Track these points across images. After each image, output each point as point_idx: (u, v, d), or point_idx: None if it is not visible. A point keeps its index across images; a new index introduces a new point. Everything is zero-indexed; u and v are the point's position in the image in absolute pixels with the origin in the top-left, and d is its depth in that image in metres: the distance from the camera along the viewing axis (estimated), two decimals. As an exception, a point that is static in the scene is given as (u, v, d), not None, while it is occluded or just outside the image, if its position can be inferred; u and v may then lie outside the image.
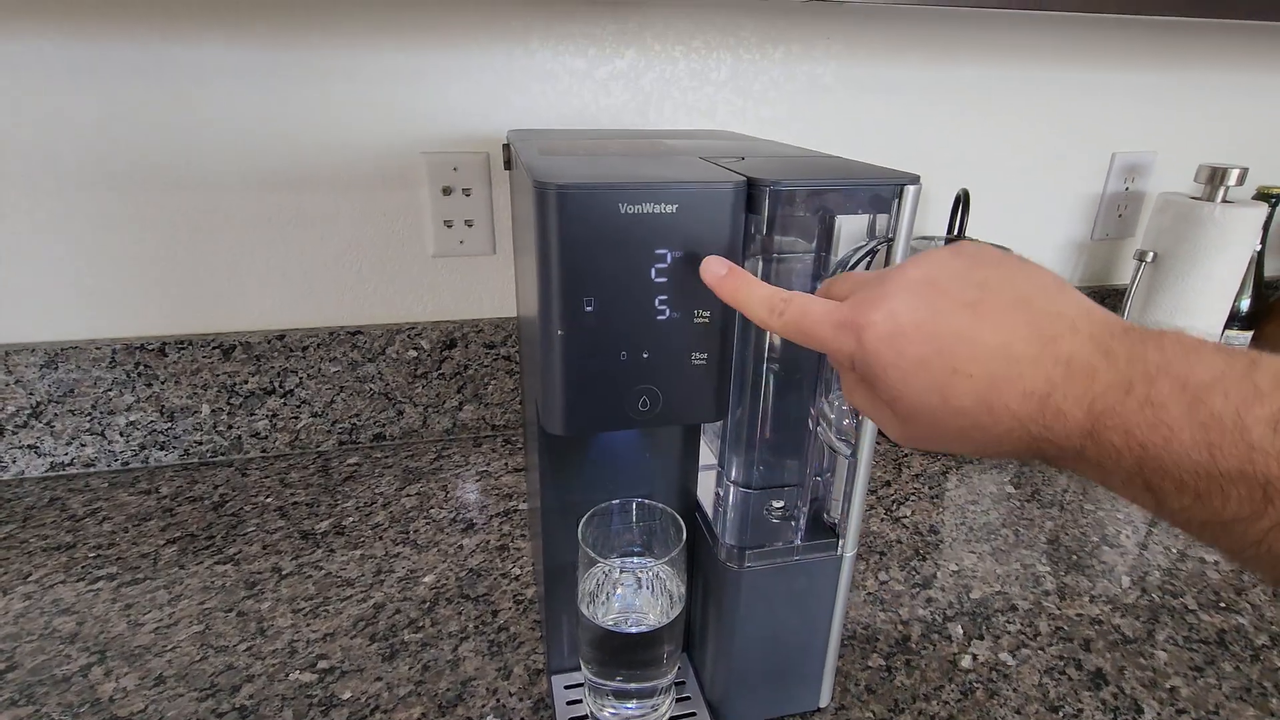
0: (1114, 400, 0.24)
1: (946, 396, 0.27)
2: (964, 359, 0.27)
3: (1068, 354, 0.25)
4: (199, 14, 0.65)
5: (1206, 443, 0.22)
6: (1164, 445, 0.23)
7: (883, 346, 0.28)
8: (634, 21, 0.74)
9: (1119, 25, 0.89)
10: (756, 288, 0.33)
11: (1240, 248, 0.86)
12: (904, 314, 0.28)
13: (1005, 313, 0.27)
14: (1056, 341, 0.26)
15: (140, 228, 0.70)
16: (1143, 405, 0.24)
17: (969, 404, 0.27)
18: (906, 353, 0.28)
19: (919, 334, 0.28)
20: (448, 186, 0.75)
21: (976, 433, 0.27)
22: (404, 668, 0.52)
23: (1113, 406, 0.24)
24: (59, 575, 0.60)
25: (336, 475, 0.76)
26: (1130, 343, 0.25)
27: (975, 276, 0.28)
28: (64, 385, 0.71)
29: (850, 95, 0.83)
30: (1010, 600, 0.60)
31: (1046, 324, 0.26)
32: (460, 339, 0.80)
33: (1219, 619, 0.59)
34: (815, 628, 0.47)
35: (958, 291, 0.28)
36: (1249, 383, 0.22)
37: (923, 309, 0.28)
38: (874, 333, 0.29)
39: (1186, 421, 0.23)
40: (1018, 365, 0.26)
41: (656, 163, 0.40)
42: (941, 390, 0.27)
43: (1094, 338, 0.26)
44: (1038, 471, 0.80)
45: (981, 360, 0.26)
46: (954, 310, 0.27)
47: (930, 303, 0.28)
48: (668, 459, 0.47)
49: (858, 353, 0.29)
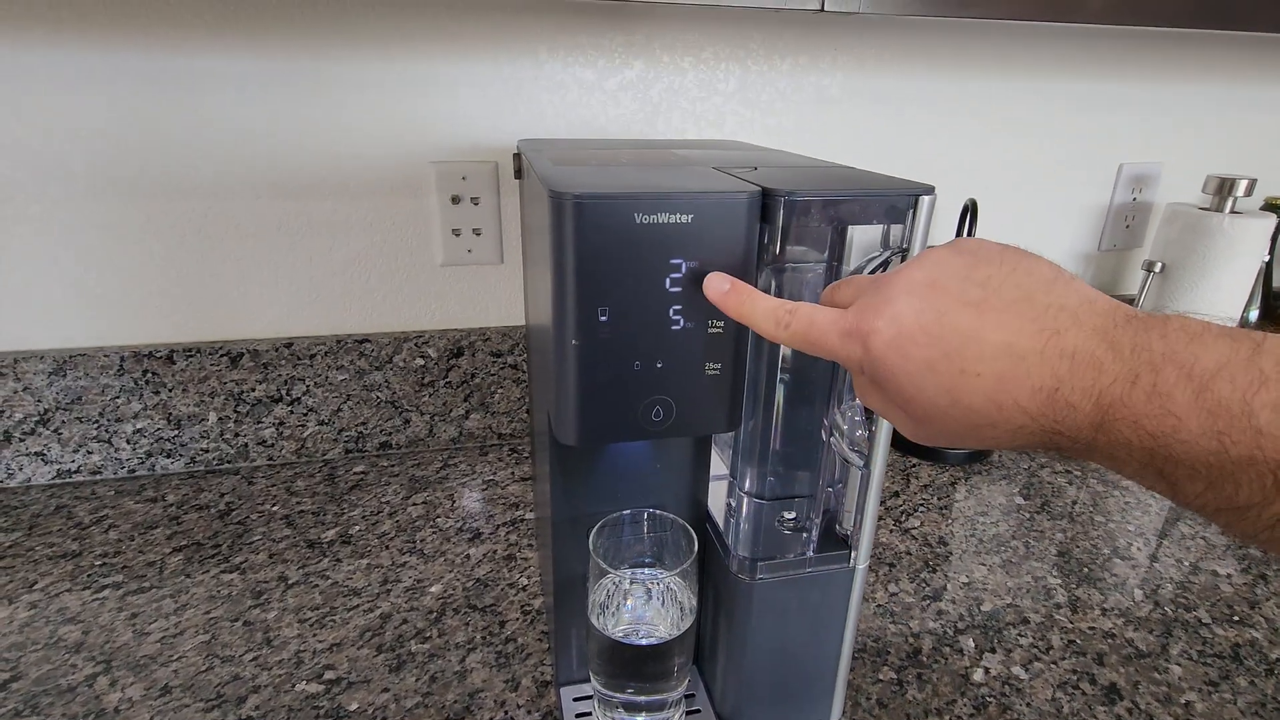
0: (1121, 392, 0.24)
1: (956, 397, 0.27)
2: (971, 359, 0.27)
3: (1072, 347, 0.25)
4: (209, 23, 0.65)
5: (1215, 430, 0.22)
6: (1173, 434, 0.23)
7: (889, 352, 0.28)
8: (642, 33, 0.75)
9: (1125, 36, 0.89)
10: (760, 301, 0.33)
11: (1249, 258, 0.86)
12: (908, 318, 0.28)
13: (1008, 310, 0.27)
14: (1060, 335, 0.26)
15: (149, 235, 0.70)
16: (1149, 395, 0.24)
17: (979, 403, 0.27)
18: (913, 356, 0.28)
19: (924, 337, 0.28)
20: (456, 195, 0.76)
21: (989, 429, 0.28)
22: (411, 679, 0.51)
23: (1120, 398, 0.24)
24: (65, 584, 0.60)
25: (343, 484, 0.76)
26: (1134, 331, 0.25)
27: (977, 275, 0.28)
28: (71, 392, 0.71)
29: (857, 106, 0.84)
30: (1022, 613, 0.60)
31: (1049, 318, 0.26)
32: (467, 347, 0.80)
33: (1233, 633, 0.59)
34: (827, 641, 0.46)
35: (960, 291, 0.28)
36: (1254, 368, 0.22)
37: (926, 311, 0.28)
38: (880, 339, 0.29)
39: (1194, 410, 0.23)
40: (1024, 362, 0.26)
41: (670, 172, 0.40)
42: (951, 391, 0.27)
43: (1097, 329, 0.26)
44: (1047, 482, 0.79)
45: (988, 359, 0.26)
46: (957, 310, 0.27)
47: (933, 304, 0.28)
48: (678, 469, 0.47)
49: (865, 359, 0.29)
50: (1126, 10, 0.66)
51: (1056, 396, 0.25)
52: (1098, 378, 0.25)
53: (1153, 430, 0.24)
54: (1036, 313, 0.26)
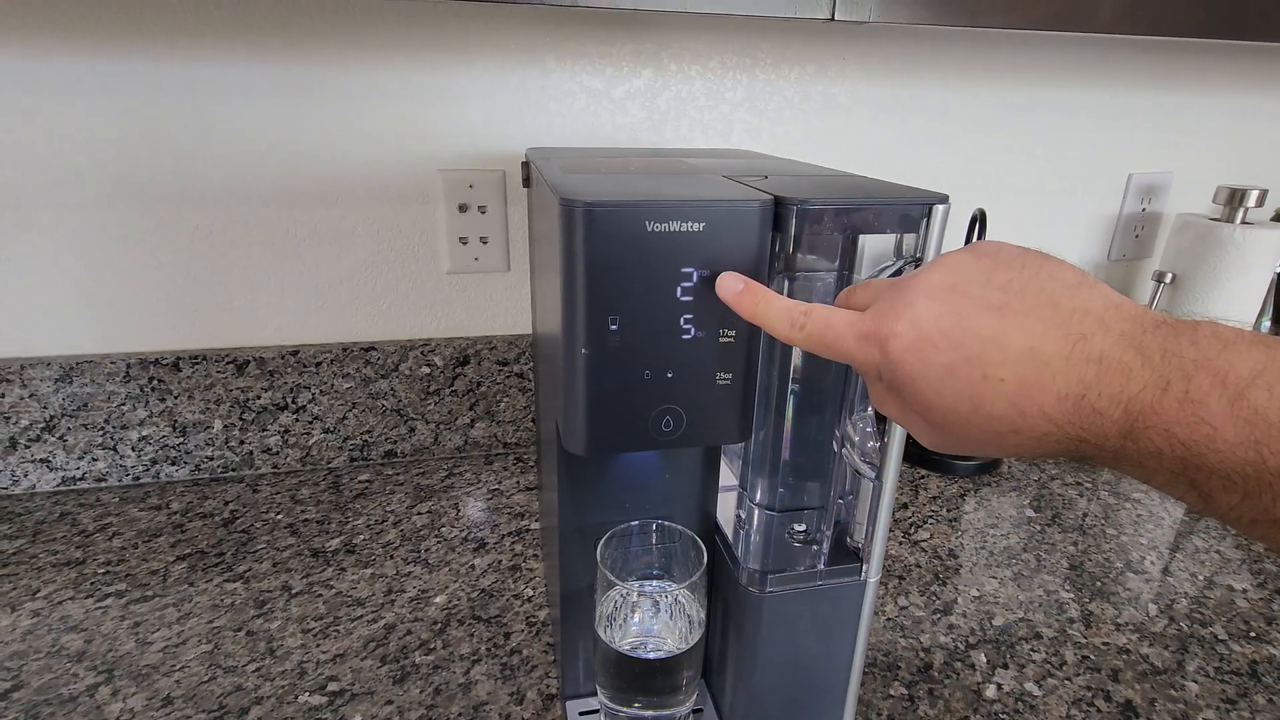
0: (1151, 399, 0.24)
1: (978, 403, 0.27)
2: (993, 364, 0.26)
3: (1099, 352, 0.25)
4: (219, 32, 0.65)
5: (1252, 440, 0.22)
6: (1206, 443, 0.23)
7: (909, 356, 0.28)
8: (651, 42, 0.75)
9: (1135, 46, 0.89)
10: (775, 301, 0.32)
11: (1260, 270, 0.85)
12: (928, 321, 0.27)
13: (1031, 314, 0.26)
14: (1086, 340, 0.25)
15: (157, 243, 0.70)
16: (1181, 403, 0.23)
17: (1001, 409, 0.26)
18: (934, 361, 0.27)
19: (945, 341, 0.27)
20: (464, 204, 0.75)
21: (1012, 437, 0.27)
22: (415, 691, 0.51)
23: (1150, 405, 0.24)
24: (68, 592, 0.59)
25: (347, 492, 0.75)
26: (1163, 337, 0.24)
27: (998, 278, 0.27)
28: (78, 399, 0.71)
29: (865, 115, 0.84)
30: (1034, 628, 0.59)
31: (1074, 323, 0.26)
32: (473, 356, 0.80)
33: (1250, 649, 0.57)
34: (837, 655, 0.46)
35: (981, 295, 0.27)
36: None
37: (947, 315, 0.27)
38: (899, 342, 0.28)
39: (1229, 418, 0.22)
40: (1049, 367, 0.25)
41: (681, 181, 0.39)
42: (972, 397, 0.27)
43: (1125, 334, 0.25)
44: (1058, 494, 0.79)
45: (1011, 364, 0.26)
46: (979, 314, 0.27)
47: (954, 308, 0.27)
48: (688, 480, 0.47)
49: (884, 364, 0.29)
50: (1136, 20, 0.66)
51: (1083, 403, 0.25)
52: (1126, 384, 0.24)
53: (1185, 439, 0.23)
54: (1061, 317, 0.26)
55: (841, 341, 0.30)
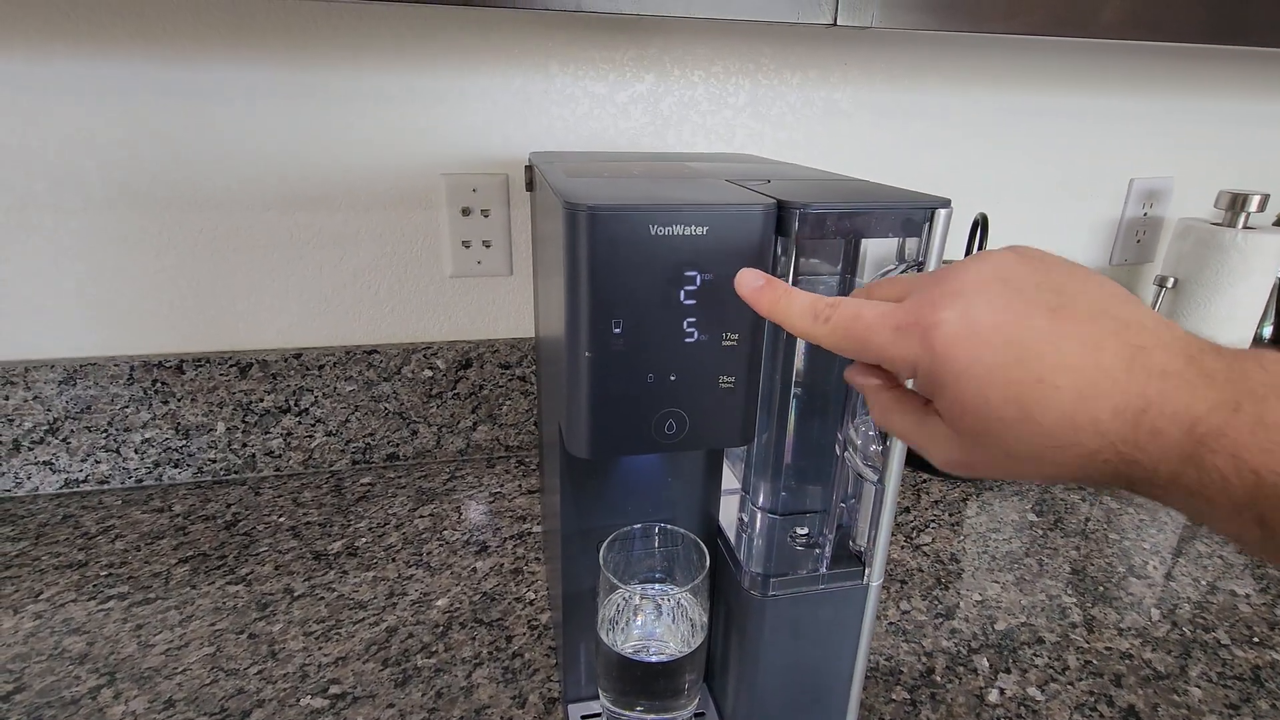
0: (1220, 420, 0.22)
1: (1028, 410, 0.24)
2: (1050, 368, 0.24)
3: (1160, 366, 0.23)
4: (223, 36, 0.66)
5: None
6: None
7: (956, 350, 0.25)
8: (654, 47, 0.75)
9: (1136, 51, 0.89)
10: (797, 296, 0.30)
11: (1262, 275, 0.85)
12: (982, 314, 0.25)
13: (1088, 321, 0.24)
14: (1148, 353, 0.23)
15: (160, 246, 0.71)
16: (1255, 426, 0.21)
17: (1052, 419, 0.24)
18: (983, 358, 0.25)
19: (998, 337, 0.25)
20: (466, 207, 0.76)
21: (1054, 453, 0.24)
22: (417, 694, 0.51)
23: (1219, 427, 0.22)
24: (70, 594, 0.59)
25: (350, 495, 0.75)
26: (1226, 360, 0.23)
27: (1051, 281, 0.26)
28: (81, 402, 0.71)
29: (867, 120, 0.84)
30: (1037, 632, 0.59)
31: (1133, 334, 0.24)
32: (476, 359, 0.80)
33: (1253, 654, 0.57)
34: (839, 659, 0.45)
35: (1036, 294, 0.25)
36: None
37: (1002, 309, 0.25)
38: (945, 333, 0.25)
39: None
40: (1109, 377, 0.23)
41: (684, 185, 0.40)
42: (1022, 402, 0.24)
43: (1183, 352, 0.23)
44: (1060, 499, 0.78)
45: (1069, 370, 0.24)
46: (1035, 314, 0.25)
47: (1009, 303, 0.25)
48: (690, 483, 0.47)
49: (923, 358, 0.26)
50: (1138, 25, 0.66)
51: (1142, 419, 0.23)
52: (1191, 402, 0.22)
53: (1257, 466, 0.21)
54: (1117, 327, 0.24)
55: (874, 333, 0.28)
